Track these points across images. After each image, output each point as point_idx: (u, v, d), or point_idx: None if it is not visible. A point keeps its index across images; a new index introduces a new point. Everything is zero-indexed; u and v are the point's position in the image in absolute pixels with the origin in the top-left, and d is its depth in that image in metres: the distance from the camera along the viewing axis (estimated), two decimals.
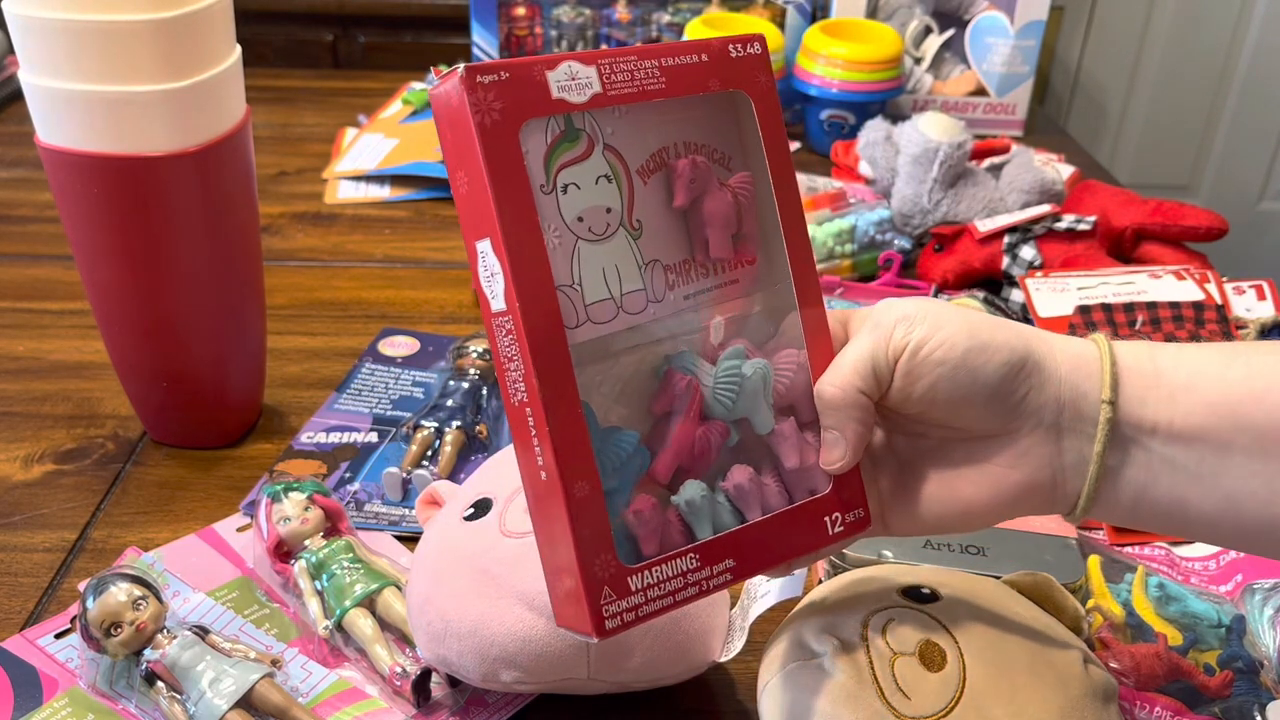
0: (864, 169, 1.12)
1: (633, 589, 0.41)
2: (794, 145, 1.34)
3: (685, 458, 0.45)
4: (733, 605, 0.59)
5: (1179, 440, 0.43)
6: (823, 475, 0.46)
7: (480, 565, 0.54)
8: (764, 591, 0.57)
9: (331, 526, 0.65)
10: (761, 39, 0.45)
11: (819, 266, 0.99)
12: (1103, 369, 0.44)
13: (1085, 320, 0.84)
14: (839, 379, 0.45)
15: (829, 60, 1.28)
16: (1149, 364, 0.44)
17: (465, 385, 0.80)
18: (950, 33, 1.39)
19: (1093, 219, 0.96)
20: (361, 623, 0.60)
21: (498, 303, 0.40)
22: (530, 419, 0.41)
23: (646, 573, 0.42)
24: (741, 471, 0.45)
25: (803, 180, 1.13)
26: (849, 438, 0.45)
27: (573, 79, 0.41)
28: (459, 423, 0.77)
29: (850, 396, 0.44)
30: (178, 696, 0.56)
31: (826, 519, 0.46)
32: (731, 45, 0.45)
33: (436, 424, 0.77)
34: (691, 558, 0.43)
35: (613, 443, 0.43)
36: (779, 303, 0.47)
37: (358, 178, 1.22)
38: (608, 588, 0.41)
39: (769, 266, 0.46)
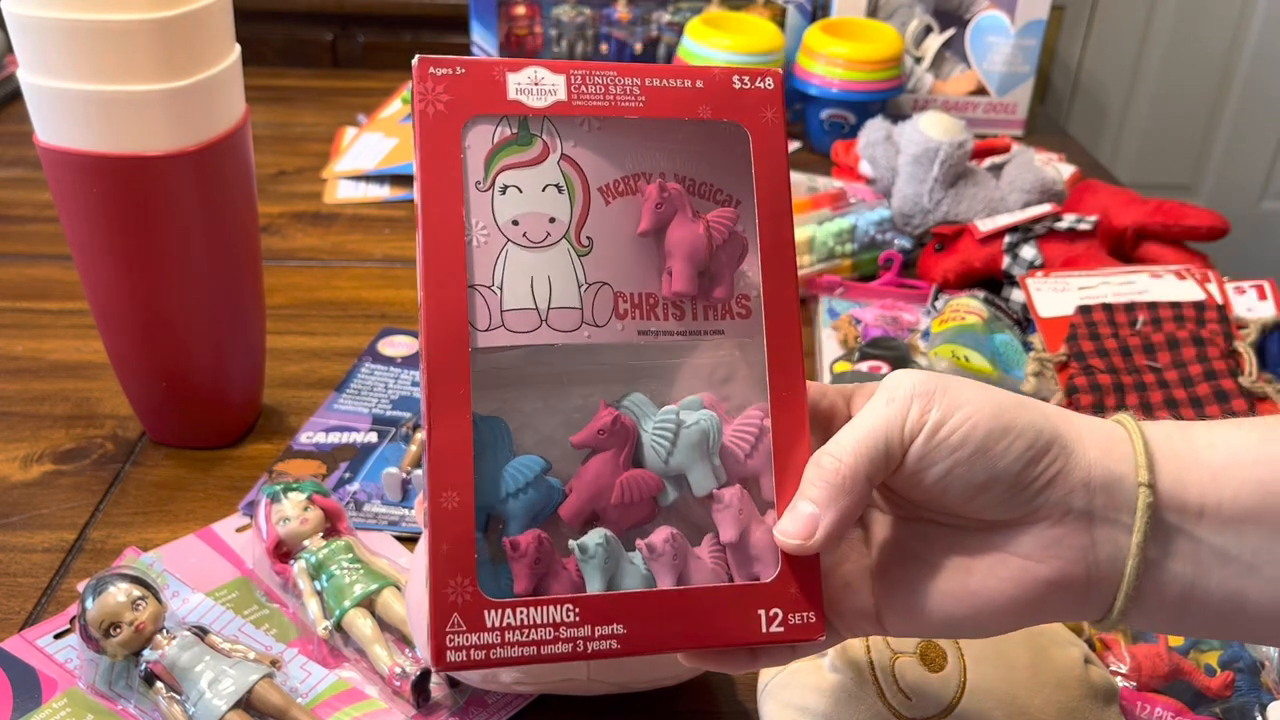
0: (864, 168, 1.11)
1: (488, 625, 0.37)
2: (794, 145, 1.34)
3: (601, 503, 0.40)
4: None
5: (1230, 525, 0.38)
6: (771, 561, 0.40)
7: None
8: None
9: (331, 527, 0.64)
10: (777, 75, 0.43)
11: (819, 266, 0.99)
12: (1135, 449, 0.39)
13: (1086, 320, 0.84)
14: (843, 453, 0.39)
15: (829, 60, 1.28)
16: (1183, 442, 0.40)
17: None
18: (951, 32, 1.39)
19: (1094, 219, 0.96)
20: (361, 623, 0.60)
21: (419, 292, 0.40)
22: (425, 417, 0.38)
23: (510, 612, 0.37)
24: (661, 532, 0.40)
25: (803, 180, 1.12)
26: (829, 521, 0.39)
27: (535, 83, 0.41)
28: None
29: (852, 476, 0.39)
30: (177, 697, 0.56)
31: (761, 612, 0.40)
32: (737, 76, 0.42)
33: None
34: (569, 610, 0.38)
35: (516, 466, 0.40)
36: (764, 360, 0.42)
37: (357, 177, 1.22)
38: (458, 615, 0.37)
39: (761, 323, 0.42)
